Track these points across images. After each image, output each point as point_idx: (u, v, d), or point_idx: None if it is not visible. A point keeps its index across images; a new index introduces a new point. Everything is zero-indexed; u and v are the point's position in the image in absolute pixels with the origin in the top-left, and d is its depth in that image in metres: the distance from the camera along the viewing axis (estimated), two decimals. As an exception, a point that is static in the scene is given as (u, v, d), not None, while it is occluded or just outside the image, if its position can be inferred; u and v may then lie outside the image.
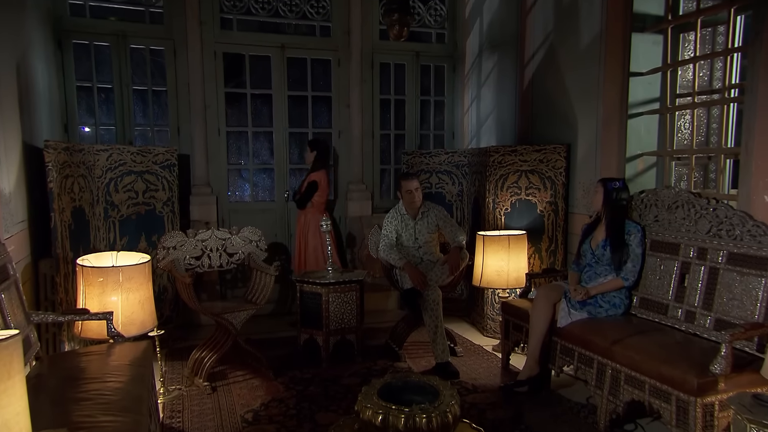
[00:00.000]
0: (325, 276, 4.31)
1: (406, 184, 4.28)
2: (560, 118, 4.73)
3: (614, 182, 3.54)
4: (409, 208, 4.33)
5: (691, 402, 2.59)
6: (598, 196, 3.58)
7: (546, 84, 4.92)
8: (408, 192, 4.27)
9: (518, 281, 4.37)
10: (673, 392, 2.67)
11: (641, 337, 3.06)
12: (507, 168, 4.74)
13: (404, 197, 4.31)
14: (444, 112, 6.44)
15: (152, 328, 3.41)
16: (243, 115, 5.82)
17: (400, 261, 4.17)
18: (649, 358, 2.83)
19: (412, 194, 4.26)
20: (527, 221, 4.76)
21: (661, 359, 2.77)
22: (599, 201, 3.58)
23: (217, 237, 4.15)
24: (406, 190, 4.28)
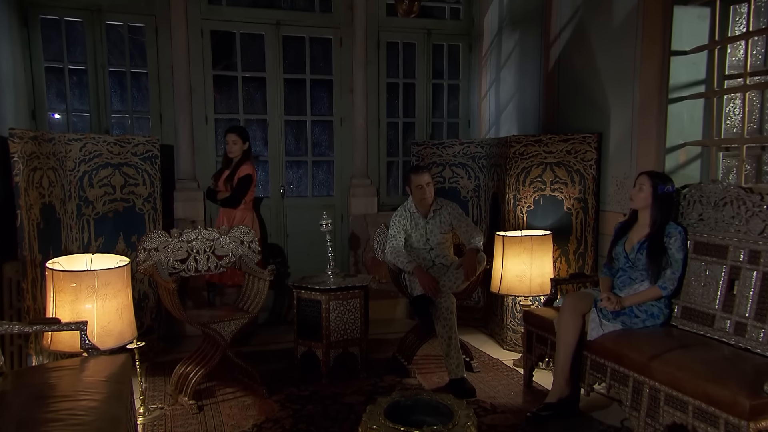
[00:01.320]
0: (325, 281, 4.30)
1: (416, 179, 4.29)
2: (590, 104, 4.70)
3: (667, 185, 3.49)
4: (419, 205, 4.34)
5: (742, 426, 2.54)
6: (643, 194, 3.51)
7: (574, 65, 4.89)
8: (418, 187, 4.28)
9: (542, 288, 4.35)
10: (722, 415, 2.62)
11: (684, 352, 3.02)
12: (530, 160, 4.73)
13: (414, 193, 4.31)
14: (459, 97, 6.43)
15: (131, 340, 3.39)
16: (233, 101, 5.82)
17: (409, 264, 4.18)
18: (693, 376, 2.78)
19: (423, 189, 4.27)
20: (552, 220, 4.74)
21: (708, 377, 2.73)
22: (645, 199, 3.51)
23: (204, 237, 4.15)
24: (416, 185, 4.28)
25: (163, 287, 3.75)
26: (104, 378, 2.68)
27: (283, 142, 5.84)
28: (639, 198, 3.54)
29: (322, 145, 6.21)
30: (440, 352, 4.13)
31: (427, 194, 4.28)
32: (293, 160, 6.03)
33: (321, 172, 6.22)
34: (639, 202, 3.54)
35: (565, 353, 3.48)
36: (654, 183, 3.50)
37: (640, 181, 3.55)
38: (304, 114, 5.94)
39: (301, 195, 6.09)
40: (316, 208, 5.69)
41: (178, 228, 4.23)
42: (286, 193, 5.86)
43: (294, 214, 5.87)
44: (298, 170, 6.14)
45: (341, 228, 5.99)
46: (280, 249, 5.82)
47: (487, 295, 5.33)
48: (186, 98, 5.45)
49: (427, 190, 4.28)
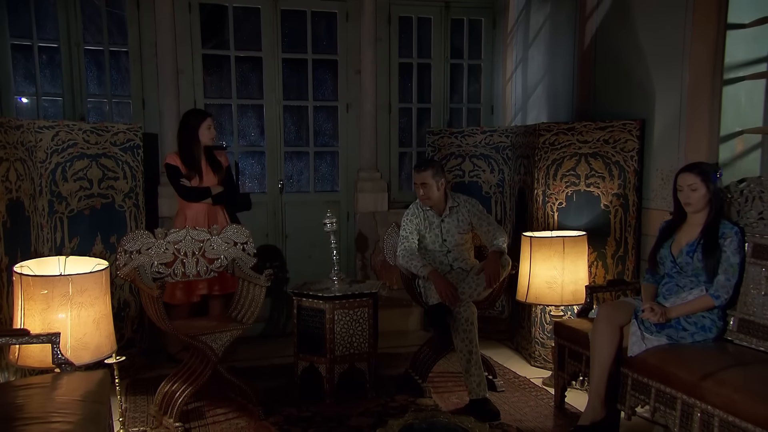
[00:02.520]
0: (329, 288, 4.30)
1: (414, 176, 4.42)
2: (632, 86, 4.68)
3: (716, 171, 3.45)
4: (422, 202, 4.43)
5: (808, 457, 2.49)
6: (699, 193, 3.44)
7: (613, 42, 4.87)
8: (415, 186, 4.40)
9: (575, 296, 4.34)
10: (785, 444, 2.57)
11: (741, 371, 2.98)
12: (561, 151, 4.73)
13: (415, 189, 4.43)
14: (480, 79, 6.41)
15: (110, 354, 3.38)
16: (226, 84, 5.82)
17: (423, 269, 4.18)
18: (752, 399, 2.74)
19: (418, 189, 4.38)
20: (588, 219, 4.73)
21: (769, 400, 2.68)
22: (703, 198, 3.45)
23: (193, 238, 4.16)
24: (414, 182, 4.41)
25: (147, 294, 3.73)
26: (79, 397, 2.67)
27: (281, 130, 5.83)
28: (696, 198, 3.46)
29: (326, 134, 6.19)
30: (459, 369, 4.12)
31: (421, 195, 4.36)
32: (293, 151, 6.02)
33: (324, 165, 6.21)
34: (697, 204, 3.48)
35: (600, 371, 3.46)
36: (704, 178, 3.45)
37: (687, 181, 3.48)
38: (305, 99, 5.93)
39: (302, 190, 6.08)
40: (319, 205, 5.68)
41: (163, 227, 4.23)
42: (285, 188, 5.85)
43: (294, 212, 5.86)
44: (298, 162, 6.12)
45: (347, 228, 5.99)
46: (277, 251, 5.81)
47: (512, 304, 5.33)
48: (172, 80, 5.44)
49: (422, 191, 4.34)
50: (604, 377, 3.45)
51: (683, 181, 3.50)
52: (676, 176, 3.56)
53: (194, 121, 4.89)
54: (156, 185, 5.37)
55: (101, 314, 3.26)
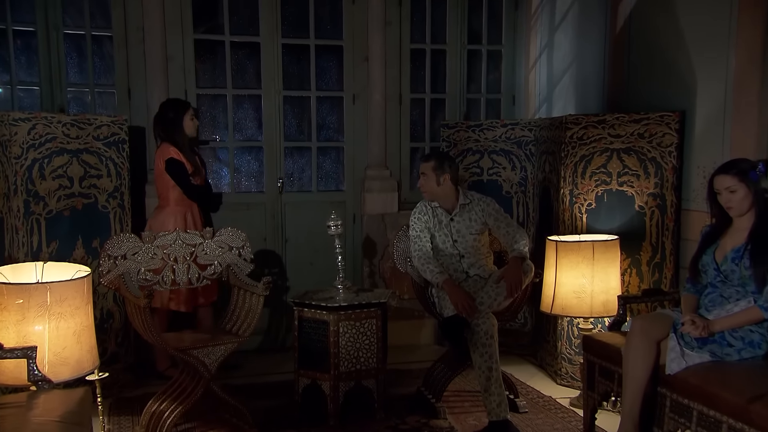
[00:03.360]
0: (333, 297, 4.31)
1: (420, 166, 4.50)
2: (670, 74, 4.67)
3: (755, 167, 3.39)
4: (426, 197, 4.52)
5: None
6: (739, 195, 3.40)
7: (650, 25, 4.86)
8: (420, 174, 4.48)
9: (607, 307, 4.32)
10: None
11: (794, 392, 2.94)
12: (591, 146, 4.72)
13: None
14: (501, 67, 6.40)
15: (92, 370, 3.38)
16: (220, 72, 5.81)
17: (437, 276, 4.19)
18: (807, 423, 2.69)
19: (421, 177, 4.46)
20: (620, 222, 4.72)
21: (826, 425, 2.64)
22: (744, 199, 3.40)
23: (183, 242, 4.16)
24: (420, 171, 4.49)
25: (133, 304, 3.73)
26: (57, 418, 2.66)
27: (281, 123, 5.83)
28: (737, 201, 3.41)
29: (330, 128, 6.18)
30: (477, 387, 4.10)
31: (419, 185, 4.46)
32: (294, 147, 6.01)
33: (328, 162, 6.19)
34: (740, 207, 3.42)
35: (634, 390, 3.42)
36: (742, 177, 3.40)
37: (724, 184, 3.42)
38: (307, 89, 5.92)
39: (304, 190, 6.07)
40: (322, 206, 5.66)
41: (152, 231, 4.23)
42: (285, 187, 5.85)
43: (294, 214, 5.85)
44: (300, 159, 6.11)
45: (353, 231, 5.97)
46: (276, 257, 5.81)
47: (536, 316, 5.31)
48: (161, 68, 5.43)
49: (421, 181, 4.43)
50: (639, 398, 3.42)
51: (720, 184, 3.45)
52: (711, 179, 3.53)
53: (174, 114, 4.92)
54: (143, 184, 5.37)
55: (82, 326, 3.24)
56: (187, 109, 4.96)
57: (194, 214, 5.00)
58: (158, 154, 4.92)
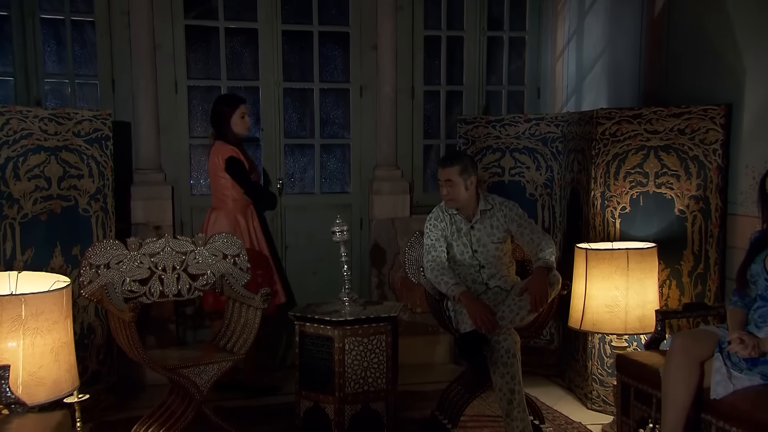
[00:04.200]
0: (338, 311, 4.30)
1: (438, 172, 4.43)
2: (715, 63, 4.65)
3: None
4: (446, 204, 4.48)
5: None
6: None
7: (692, 8, 4.84)
8: (439, 184, 4.41)
9: (643, 323, 4.30)
10: None
11: None
12: (625, 143, 4.70)
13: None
14: (524, 56, 6.40)
15: (71, 391, 3.36)
16: (213, 62, 5.83)
17: (453, 288, 4.18)
18: None
19: (442, 189, 4.39)
20: (658, 227, 4.71)
21: None
22: None
23: (173, 250, 4.17)
24: (438, 180, 4.43)
25: (117, 318, 3.73)
26: (32, 445, 2.65)
27: (281, 118, 5.84)
28: None
29: (335, 123, 6.19)
30: (498, 411, 4.10)
31: (445, 195, 4.38)
32: (295, 144, 6.02)
33: (333, 160, 6.20)
34: None
35: (675, 416, 3.41)
36: None
37: None
38: (310, 80, 5.93)
39: (306, 191, 6.08)
40: (326, 209, 5.70)
41: (138, 237, 4.28)
42: (285, 188, 5.86)
43: (296, 218, 5.87)
44: (301, 157, 6.13)
45: (360, 237, 5.98)
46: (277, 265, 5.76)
47: (563, 332, 5.29)
48: (148, 57, 5.45)
49: (446, 191, 4.35)
50: (680, 425, 3.39)
51: None
52: (763, 179, 3.53)
53: (225, 110, 5.08)
54: (128, 185, 5.38)
55: (60, 342, 3.22)
56: (238, 106, 5.07)
57: (252, 215, 5.16)
58: (214, 152, 5.06)
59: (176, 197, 5.57)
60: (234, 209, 5.06)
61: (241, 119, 5.08)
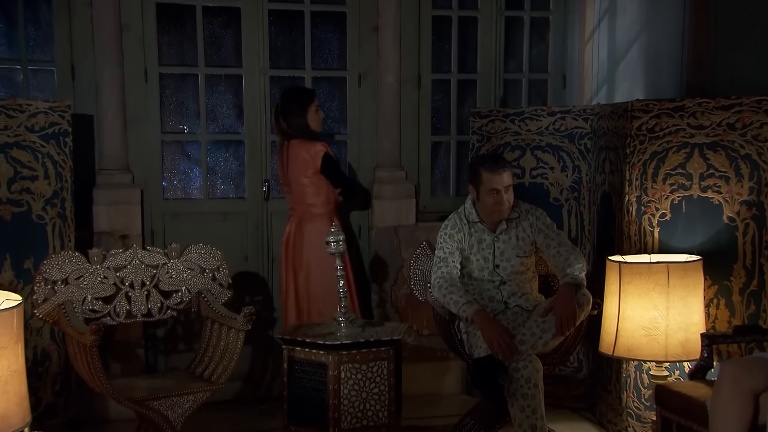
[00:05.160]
0: (333, 333, 4.32)
1: (491, 178, 4.33)
2: None
3: None
4: (490, 215, 4.38)
5: None
6: None
7: None
8: (493, 192, 4.33)
9: (686, 348, 4.28)
10: None
11: None
12: (665, 140, 4.69)
13: (484, 198, 4.36)
14: (548, 39, 6.40)
15: (22, 428, 3.33)
16: (189, 46, 5.83)
17: (466, 307, 4.18)
18: None
19: (500, 197, 4.33)
20: (704, 238, 4.70)
21: None
22: None
23: (142, 263, 4.21)
24: (490, 187, 4.33)
25: (76, 342, 3.74)
26: (-25, 491, 2.63)
27: (267, 111, 5.82)
28: None
29: (330, 118, 6.16)
30: (517, 450, 4.13)
31: (504, 204, 4.32)
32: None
33: None
34: None
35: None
36: None
37: None
38: (300, 67, 5.94)
39: None
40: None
41: (101, 247, 4.27)
42: (272, 192, 5.85)
43: (283, 226, 5.76)
44: None
45: (359, 248, 5.95)
46: (260, 281, 5.81)
47: (593, 359, 5.27)
48: (113, 40, 5.42)
49: (505, 198, 4.32)
50: (731, 467, 3.40)
51: None
52: None
53: (299, 106, 5.24)
54: (91, 187, 5.37)
55: (10, 371, 3.18)
56: (313, 100, 5.21)
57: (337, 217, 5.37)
58: (298, 151, 5.17)
59: (146, 202, 5.54)
60: (333, 213, 5.29)
61: (316, 114, 5.26)
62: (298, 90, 5.45)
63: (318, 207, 5.24)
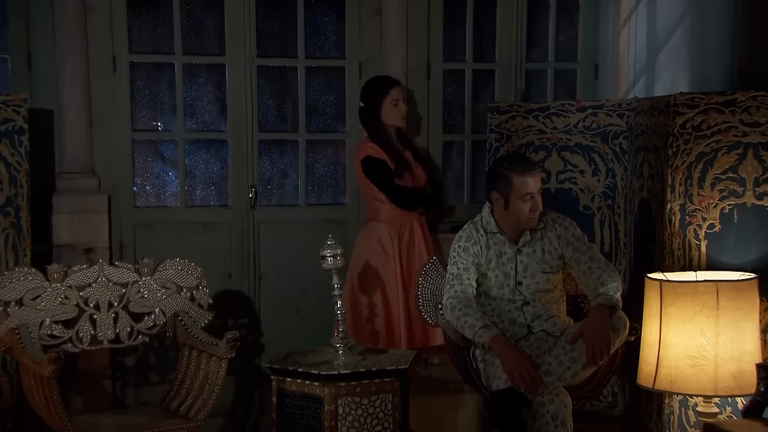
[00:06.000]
0: (329, 361, 4.33)
1: (525, 181, 4.33)
2: None
3: None
4: (523, 223, 4.39)
5: None
6: None
7: None
8: (527, 197, 4.33)
9: (740, 381, 4.24)
10: None
11: None
12: (714, 139, 4.68)
13: (517, 206, 4.35)
14: (577, 23, 6.41)
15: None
16: (164, 31, 5.85)
17: (482, 332, 4.17)
18: None
19: (536, 201, 4.34)
20: (760, 252, 4.69)
21: None
22: None
23: (109, 280, 4.23)
24: (524, 192, 4.32)
25: (32, 372, 3.76)
26: None
27: (254, 106, 5.85)
28: None
29: (326, 113, 6.22)
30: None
31: (539, 208, 4.37)
32: (273, 140, 6.06)
33: (323, 162, 6.24)
34: None
35: None
36: None
37: None
38: (293, 55, 5.95)
39: (287, 203, 6.13)
40: (315, 226, 5.76)
41: (62, 262, 4.27)
42: (260, 199, 5.87)
43: (273, 238, 5.88)
44: (281, 158, 6.16)
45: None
46: (246, 301, 5.82)
47: (630, 393, 5.26)
48: (76, 25, 5.42)
49: (538, 202, 4.33)
50: None
51: None
52: None
53: (374, 96, 5.41)
54: (50, 193, 5.37)
55: (-45, 406, 3.22)
56: (388, 91, 5.32)
57: (418, 230, 5.49)
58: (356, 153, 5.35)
59: (114, 210, 5.53)
60: (388, 222, 5.38)
61: (394, 107, 5.36)
62: (373, 80, 5.56)
63: (380, 212, 5.41)
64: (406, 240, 5.34)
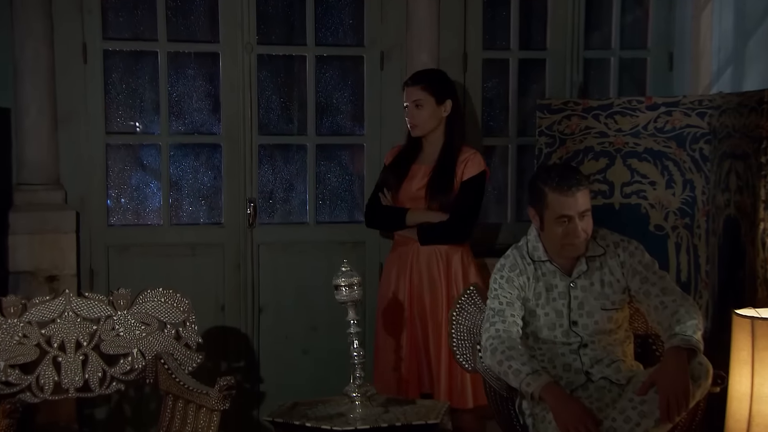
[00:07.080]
0: (344, 414, 4.31)
1: (560, 200, 4.28)
2: None
3: None
4: (560, 250, 4.35)
5: None
6: None
7: None
8: (563, 220, 4.28)
9: None
10: None
11: None
12: None
13: (551, 228, 4.32)
14: (648, 2, 6.42)
15: None
16: (146, 14, 5.89)
17: (533, 379, 4.13)
18: None
19: (574, 225, 4.28)
20: None
21: None
22: None
23: (77, 315, 4.26)
24: (558, 214, 4.28)
25: None
26: None
27: (253, 103, 5.88)
28: None
29: (340, 112, 6.26)
30: None
31: (580, 235, 4.27)
32: (276, 144, 6.09)
33: (336, 171, 6.27)
34: None
35: None
36: None
37: None
38: (300, 42, 5.99)
39: (292, 221, 6.17)
40: (326, 249, 5.80)
41: (20, 293, 4.29)
42: (260, 215, 5.89)
43: (275, 263, 5.92)
44: (285, 166, 6.18)
45: (380, 295, 5.94)
46: (242, 339, 5.84)
47: None
48: (40, 8, 5.47)
49: (581, 226, 4.26)
50: None
51: None
52: None
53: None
54: (6, 210, 5.40)
55: None
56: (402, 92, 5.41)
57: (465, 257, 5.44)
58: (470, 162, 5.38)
59: (84, 230, 5.57)
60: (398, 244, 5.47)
61: (405, 107, 5.38)
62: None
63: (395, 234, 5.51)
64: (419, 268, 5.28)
